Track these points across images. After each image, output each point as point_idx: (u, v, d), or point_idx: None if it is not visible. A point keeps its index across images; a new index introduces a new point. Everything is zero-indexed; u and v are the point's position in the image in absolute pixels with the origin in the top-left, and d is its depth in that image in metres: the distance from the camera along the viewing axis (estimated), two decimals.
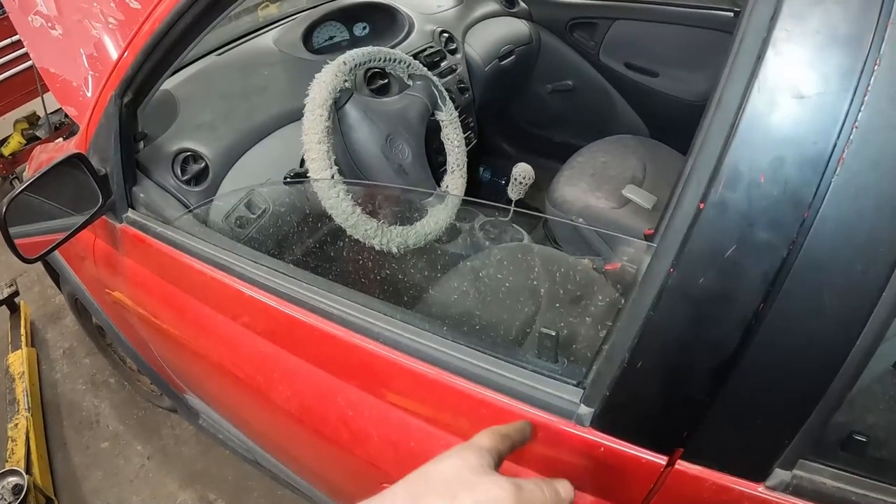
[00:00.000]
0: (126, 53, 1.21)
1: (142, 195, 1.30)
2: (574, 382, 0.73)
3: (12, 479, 1.95)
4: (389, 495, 0.49)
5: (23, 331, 2.79)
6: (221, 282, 1.10)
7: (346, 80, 1.28)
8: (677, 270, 0.56)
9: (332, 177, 1.20)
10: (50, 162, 1.21)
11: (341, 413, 0.98)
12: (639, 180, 1.82)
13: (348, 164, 1.33)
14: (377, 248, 1.27)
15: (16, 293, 2.82)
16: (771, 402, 0.58)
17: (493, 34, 2.20)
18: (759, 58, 0.52)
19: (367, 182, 1.35)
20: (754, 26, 0.53)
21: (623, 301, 1.13)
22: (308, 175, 1.23)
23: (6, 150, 4.24)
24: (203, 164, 1.36)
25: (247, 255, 1.09)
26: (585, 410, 0.69)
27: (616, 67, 2.31)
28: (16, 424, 2.31)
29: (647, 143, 2.05)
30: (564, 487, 0.54)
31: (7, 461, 2.15)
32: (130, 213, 1.31)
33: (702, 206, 0.54)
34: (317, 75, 1.27)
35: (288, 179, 1.36)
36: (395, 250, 1.29)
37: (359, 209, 1.23)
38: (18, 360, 2.61)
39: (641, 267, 0.64)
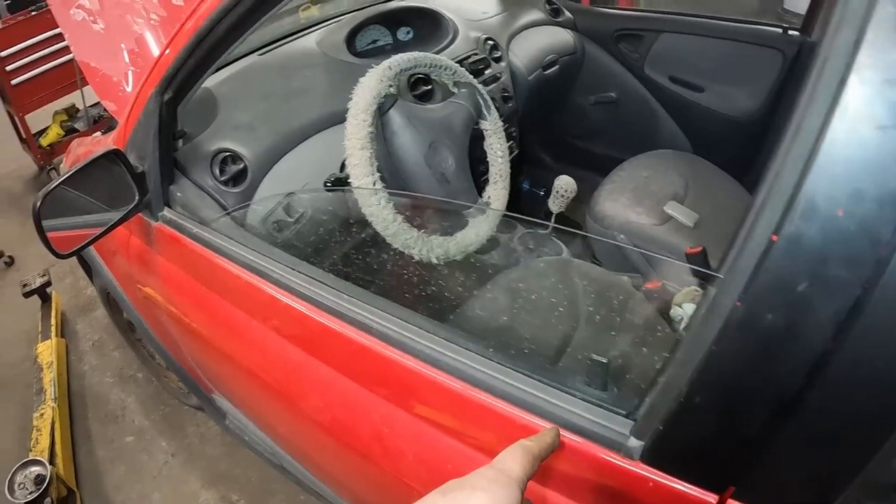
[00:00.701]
0: (168, 51, 1.20)
1: (179, 194, 1.28)
2: (624, 413, 0.70)
3: (35, 469, 1.96)
4: None
5: (53, 321, 2.81)
6: (256, 286, 1.08)
7: (391, 86, 1.25)
8: (744, 304, 0.53)
9: (374, 184, 1.17)
10: (87, 157, 1.20)
11: (375, 429, 0.96)
12: (680, 197, 1.78)
13: (390, 171, 1.30)
14: (416, 257, 1.23)
15: (48, 283, 2.84)
16: (832, 444, 0.55)
17: (537, 43, 2.16)
18: (842, 84, 0.48)
19: (409, 194, 1.32)
20: (837, 51, 0.50)
21: (664, 324, 1.10)
22: (349, 181, 1.21)
23: (44, 141, 4.31)
24: (242, 166, 1.34)
25: (284, 260, 1.07)
26: (635, 443, 0.67)
27: (661, 81, 2.26)
28: (42, 414, 2.32)
29: (689, 158, 2.00)
30: None
31: (31, 450, 2.16)
32: (166, 212, 1.29)
33: (774, 238, 0.50)
34: (361, 79, 1.25)
35: (328, 185, 1.33)
36: (434, 261, 1.25)
37: (400, 218, 1.20)
38: (47, 350, 2.63)
39: (707, 297, 0.61)
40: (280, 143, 1.40)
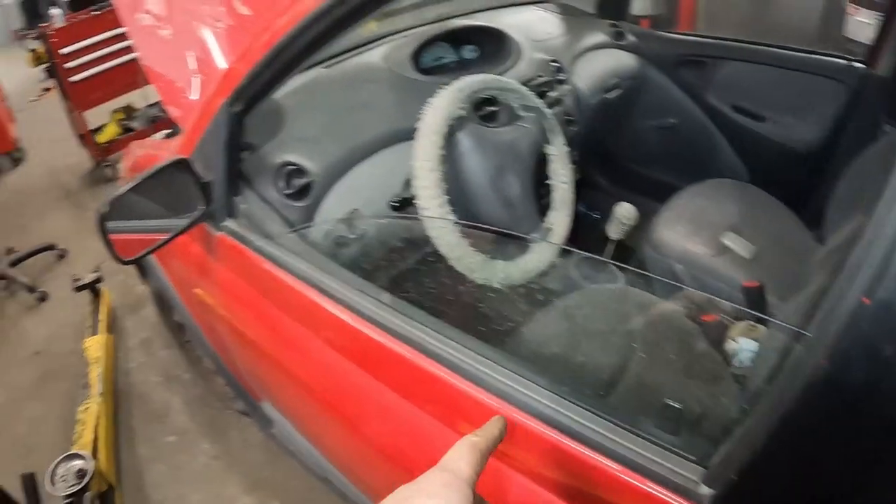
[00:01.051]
0: (239, 63, 1.20)
1: (243, 206, 1.29)
2: (694, 459, 0.69)
3: (77, 463, 1.97)
4: None
5: (102, 317, 2.86)
6: (317, 303, 1.08)
7: (461, 108, 1.23)
8: (830, 364, 0.52)
9: (441, 206, 1.16)
10: (153, 164, 1.21)
11: (434, 455, 0.94)
12: (738, 228, 1.75)
13: (455, 192, 1.28)
14: (479, 281, 1.22)
15: (99, 279, 2.89)
16: None
17: (600, 66, 2.15)
18: None
19: (475, 225, 1.31)
20: None
21: (722, 360, 1.08)
22: (414, 201, 1.20)
23: (101, 138, 4.42)
24: (307, 179, 1.34)
25: (347, 279, 1.07)
26: (706, 491, 0.66)
27: (722, 109, 2.23)
28: (87, 408, 2.35)
29: (748, 189, 1.97)
30: None
31: (74, 444, 2.19)
32: (229, 223, 1.30)
33: (866, 301, 0.49)
34: (432, 100, 1.24)
35: (394, 205, 1.32)
36: (496, 285, 1.24)
37: (465, 242, 1.19)
38: (96, 345, 2.67)
39: (793, 353, 0.61)
40: (345, 159, 1.40)
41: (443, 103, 1.22)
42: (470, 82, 1.28)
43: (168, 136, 2.03)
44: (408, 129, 1.27)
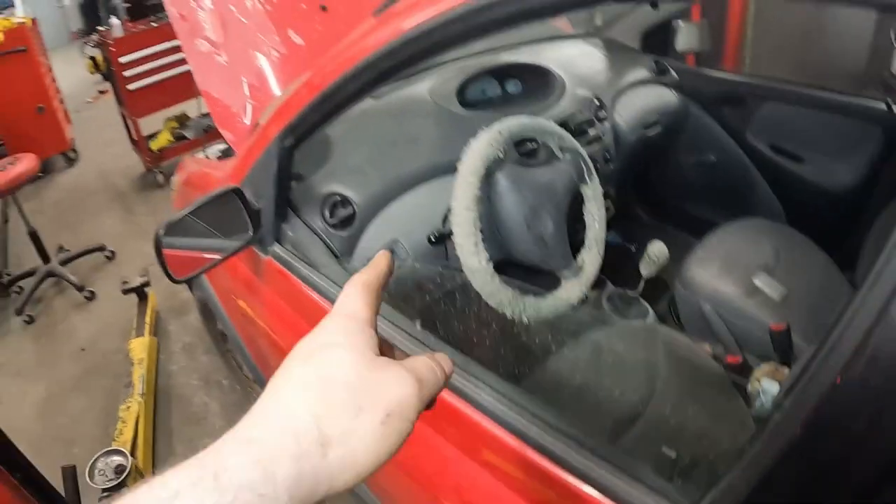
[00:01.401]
0: (293, 100, 1.27)
1: (290, 233, 1.36)
2: None
3: (117, 459, 2.06)
4: (285, 409, 0.43)
5: (148, 319, 2.97)
6: None
7: (499, 150, 1.29)
8: (802, 435, 0.55)
9: (476, 244, 1.21)
10: (206, 182, 1.27)
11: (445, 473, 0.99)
12: (770, 269, 1.75)
13: (490, 229, 1.33)
14: (509, 315, 1.26)
15: (147, 283, 3.00)
16: None
17: (642, 102, 2.17)
18: None
19: (507, 260, 1.36)
20: None
21: (741, 401, 1.09)
22: (451, 237, 1.25)
23: (154, 145, 4.56)
24: (351, 210, 1.40)
25: (386, 315, 1.10)
26: None
27: (761, 148, 2.23)
28: (128, 407, 2.45)
29: (783, 230, 1.96)
30: (445, 361, 0.52)
31: (114, 440, 2.28)
32: (276, 248, 1.37)
33: (838, 381, 0.53)
34: (472, 142, 1.29)
35: (432, 239, 1.38)
36: (525, 320, 1.28)
37: (497, 278, 1.24)
38: (140, 347, 2.78)
39: (768, 426, 0.62)
40: (388, 191, 1.46)
41: (481, 146, 1.27)
42: (509, 125, 1.33)
43: (222, 154, 2.11)
44: (450, 162, 1.32)
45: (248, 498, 0.38)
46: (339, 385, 0.45)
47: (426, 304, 1.27)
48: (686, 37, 2.27)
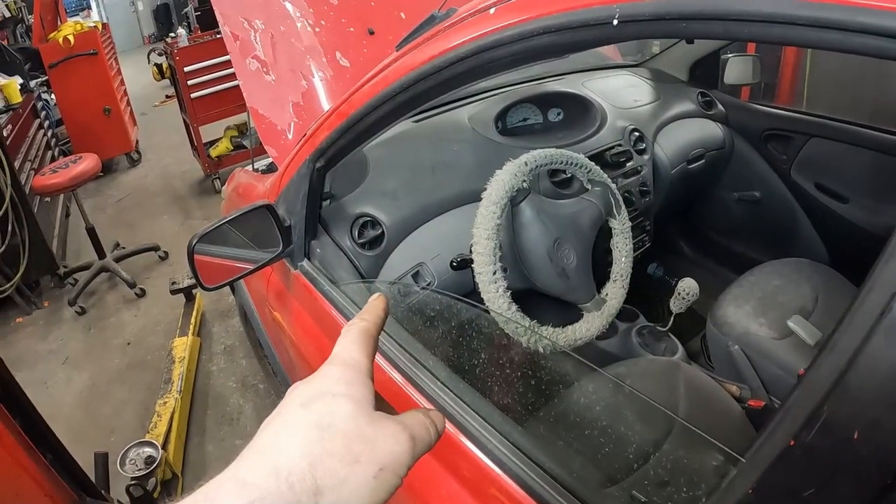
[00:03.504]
0: (325, 123, 1.31)
1: (319, 250, 1.40)
2: None
3: (148, 450, 2.15)
4: (282, 454, 0.44)
5: (193, 320, 3.07)
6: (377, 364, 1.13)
7: (524, 181, 1.30)
8: (755, 495, 0.56)
9: (495, 273, 1.23)
10: (251, 193, 1.30)
11: None
12: (807, 311, 1.70)
13: (514, 259, 1.35)
14: (524, 345, 1.27)
15: (195, 285, 3.10)
16: None
17: (685, 136, 2.15)
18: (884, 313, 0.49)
19: (526, 289, 1.37)
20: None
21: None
22: (473, 264, 1.27)
23: (214, 152, 4.71)
24: (380, 231, 1.44)
25: (405, 343, 1.11)
26: None
27: (806, 186, 2.18)
28: (165, 402, 2.54)
29: (824, 271, 1.90)
30: (438, 419, 0.52)
31: (148, 433, 2.37)
32: (305, 264, 1.41)
33: (792, 443, 0.53)
34: (498, 172, 1.31)
35: (454, 264, 1.40)
36: (541, 350, 1.29)
37: (515, 307, 1.25)
38: (182, 346, 2.87)
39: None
40: (418, 215, 1.49)
41: (506, 177, 1.29)
42: (535, 157, 1.35)
43: (267, 168, 2.17)
44: (480, 190, 1.33)
45: None
46: (338, 434, 0.45)
47: (441, 332, 1.29)
48: (735, 70, 2.24)
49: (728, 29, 0.59)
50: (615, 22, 0.67)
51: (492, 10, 0.87)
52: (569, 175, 1.63)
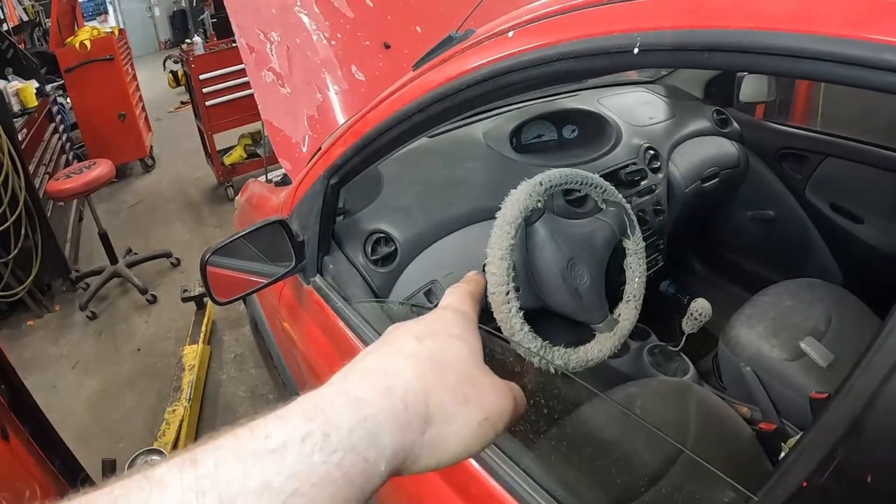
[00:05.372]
0: (339, 140, 1.31)
1: (331, 266, 1.40)
2: None
3: (156, 458, 2.13)
4: (397, 376, 0.43)
5: (204, 328, 3.08)
6: None
7: (539, 201, 1.30)
8: None
9: (507, 293, 1.22)
10: (264, 205, 1.30)
11: None
12: (820, 333, 1.68)
13: (527, 279, 1.34)
14: (536, 365, 1.26)
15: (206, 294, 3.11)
16: None
17: (700, 154, 2.14)
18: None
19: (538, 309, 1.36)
20: None
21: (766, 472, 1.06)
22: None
23: (227, 160, 4.73)
24: (393, 248, 1.44)
25: None
26: None
27: (821, 206, 2.17)
28: (174, 410, 2.54)
29: (838, 292, 1.88)
30: (522, 397, 0.51)
31: (157, 440, 2.37)
32: (318, 279, 1.42)
33: (805, 485, 0.52)
34: (512, 191, 1.30)
35: None
36: (552, 370, 1.28)
37: (527, 327, 1.24)
38: (192, 354, 2.88)
39: None
40: (432, 231, 1.49)
41: (520, 196, 1.28)
42: (550, 177, 1.34)
43: (282, 179, 2.18)
44: (494, 207, 1.32)
45: (354, 461, 0.37)
46: (451, 372, 0.45)
47: None
48: (750, 88, 2.23)
49: (751, 62, 0.59)
50: (636, 51, 0.66)
51: (510, 34, 0.87)
52: (583, 193, 1.62)
